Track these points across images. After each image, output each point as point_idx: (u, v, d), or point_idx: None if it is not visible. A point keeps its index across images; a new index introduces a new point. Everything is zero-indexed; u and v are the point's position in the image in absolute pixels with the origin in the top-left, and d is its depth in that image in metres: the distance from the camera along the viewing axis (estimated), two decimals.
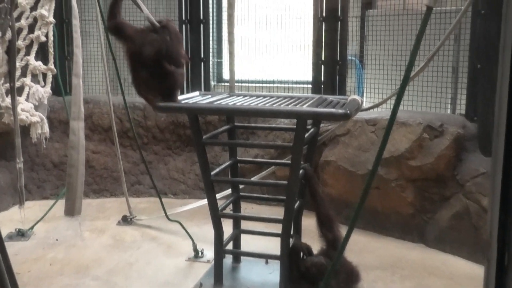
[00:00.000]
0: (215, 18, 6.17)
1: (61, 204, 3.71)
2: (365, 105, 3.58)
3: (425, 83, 4.78)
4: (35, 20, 3.56)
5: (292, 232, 3.37)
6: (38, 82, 3.58)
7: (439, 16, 4.51)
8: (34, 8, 3.54)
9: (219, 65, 6.24)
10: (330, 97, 3.59)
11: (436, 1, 1.54)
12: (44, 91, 3.47)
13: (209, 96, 3.64)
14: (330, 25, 5.40)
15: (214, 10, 6.16)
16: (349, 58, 5.56)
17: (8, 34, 2.57)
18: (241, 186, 3.84)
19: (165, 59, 2.88)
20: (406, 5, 5.02)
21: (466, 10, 2.59)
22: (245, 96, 3.68)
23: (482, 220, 3.98)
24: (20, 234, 4.57)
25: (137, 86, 3.01)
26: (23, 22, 3.48)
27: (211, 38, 6.07)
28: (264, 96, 3.63)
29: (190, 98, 3.49)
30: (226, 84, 5.99)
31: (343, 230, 2.79)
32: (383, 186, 4.50)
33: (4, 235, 3.34)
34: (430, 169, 4.34)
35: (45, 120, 3.57)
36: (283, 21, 5.81)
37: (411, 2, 4.99)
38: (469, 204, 4.12)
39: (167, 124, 5.82)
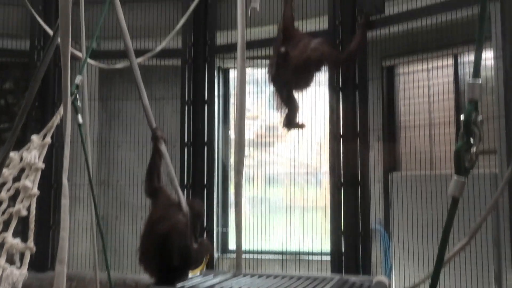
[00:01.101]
0: (220, 183, 6.28)
1: None
2: (393, 286, 3.48)
3: (462, 259, 4.66)
4: (17, 191, 3.63)
5: None
6: (13, 262, 3.53)
7: (471, 183, 4.54)
8: (17, 178, 3.63)
9: (224, 235, 6.21)
10: (352, 278, 3.50)
11: (461, 192, 1.54)
12: (19, 273, 3.41)
13: (211, 276, 3.55)
14: (349, 191, 5.44)
15: (220, 174, 6.30)
16: (373, 227, 5.53)
17: None
18: None
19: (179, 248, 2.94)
20: (434, 168, 5.10)
21: (508, 179, 2.56)
22: (252, 276, 3.59)
23: None
24: None
25: (141, 254, 3.09)
26: (3, 195, 3.55)
27: (215, 204, 6.12)
28: (275, 276, 3.54)
29: (189, 279, 3.41)
30: (232, 255, 5.91)
31: None
32: None
33: None
34: None
35: None
36: (296, 180, 5.87)
37: (439, 165, 5.08)
38: None
39: None
